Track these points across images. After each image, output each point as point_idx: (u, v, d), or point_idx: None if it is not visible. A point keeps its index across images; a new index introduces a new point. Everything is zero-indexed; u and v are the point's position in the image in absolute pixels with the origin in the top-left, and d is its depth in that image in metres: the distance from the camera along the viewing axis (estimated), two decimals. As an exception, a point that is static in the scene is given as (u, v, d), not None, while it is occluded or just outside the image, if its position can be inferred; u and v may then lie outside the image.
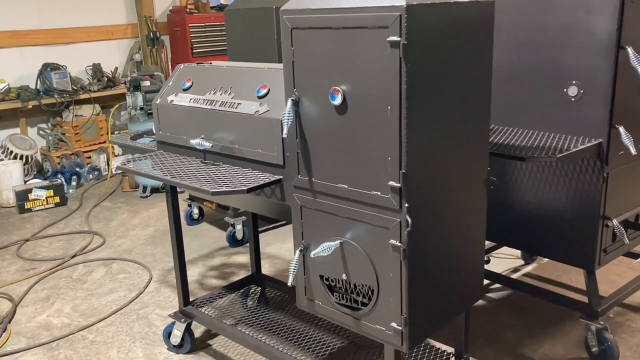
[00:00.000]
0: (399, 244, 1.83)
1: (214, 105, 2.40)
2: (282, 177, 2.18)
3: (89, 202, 5.40)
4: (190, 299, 2.98)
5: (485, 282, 3.10)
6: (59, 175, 5.63)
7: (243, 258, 4.05)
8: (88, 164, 6.07)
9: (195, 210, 4.73)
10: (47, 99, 5.85)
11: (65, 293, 3.66)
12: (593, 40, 2.47)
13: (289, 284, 2.07)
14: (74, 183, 5.73)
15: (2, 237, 4.62)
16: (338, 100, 1.88)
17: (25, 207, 5.14)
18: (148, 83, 5.26)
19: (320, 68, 1.92)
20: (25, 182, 5.44)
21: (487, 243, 2.35)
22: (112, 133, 6.04)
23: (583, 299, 2.83)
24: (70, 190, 5.65)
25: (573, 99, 2.58)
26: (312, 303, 2.19)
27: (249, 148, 2.27)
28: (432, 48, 1.80)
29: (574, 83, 2.56)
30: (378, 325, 1.99)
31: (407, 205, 1.80)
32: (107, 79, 6.35)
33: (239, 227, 4.21)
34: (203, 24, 6.60)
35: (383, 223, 1.87)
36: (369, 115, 1.82)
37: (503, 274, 3.48)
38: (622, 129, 2.51)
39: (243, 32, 3.98)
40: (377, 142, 1.82)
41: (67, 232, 4.68)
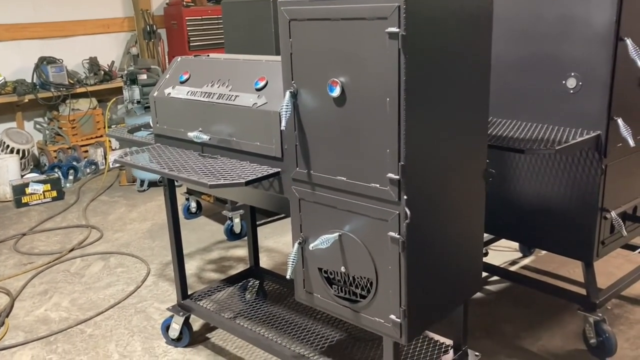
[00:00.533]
0: (398, 236, 1.83)
1: (212, 98, 2.39)
2: (280, 169, 2.17)
3: (86, 196, 5.38)
4: (189, 293, 2.98)
5: (484, 274, 3.10)
6: (56, 170, 5.61)
7: (241, 251, 4.04)
8: (85, 158, 6.06)
9: (193, 204, 4.72)
10: (43, 93, 5.82)
11: (63, 287, 3.65)
12: (592, 32, 2.47)
13: (288, 277, 2.07)
14: (71, 177, 5.71)
15: (-1, 231, 4.62)
16: (336, 92, 1.87)
17: (22, 201, 5.12)
18: (145, 76, 5.24)
19: (319, 60, 1.91)
20: (22, 176, 5.42)
21: (485, 235, 2.34)
22: (109, 127, 6.02)
23: (581, 291, 2.84)
24: (68, 185, 5.64)
25: (572, 91, 2.57)
26: (310, 296, 2.19)
27: (247, 141, 2.26)
28: (431, 39, 1.79)
29: (573, 75, 2.55)
30: (377, 318, 1.98)
31: (405, 198, 1.80)
32: (103, 73, 6.32)
33: (237, 220, 4.21)
34: (200, 17, 6.58)
35: (382, 215, 1.86)
36: (368, 107, 1.81)
37: (501, 267, 3.48)
38: (620, 121, 2.50)
39: (240, 24, 3.97)
40: (375, 134, 1.82)
41: (64, 226, 4.67)
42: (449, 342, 2.45)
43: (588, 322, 2.69)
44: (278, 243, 4.15)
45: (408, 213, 1.80)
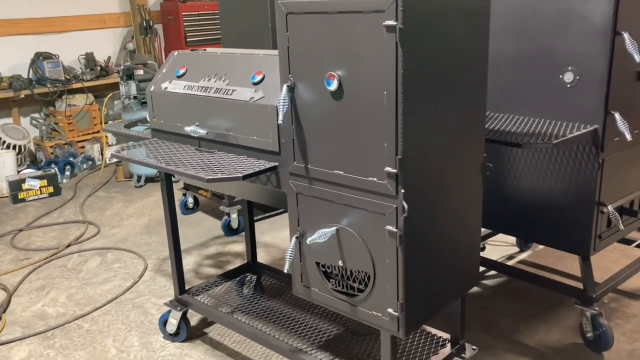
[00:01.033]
0: (395, 230, 1.83)
1: (209, 92, 2.38)
2: (277, 164, 2.17)
3: (83, 191, 5.37)
4: (186, 288, 2.98)
5: (481, 269, 3.11)
6: (53, 165, 5.60)
7: (238, 247, 4.04)
8: (82, 154, 6.04)
9: (190, 200, 4.71)
10: (39, 89, 5.80)
11: (60, 282, 3.65)
12: (589, 26, 2.46)
13: (285, 271, 2.07)
14: (68, 173, 5.70)
15: (-5, 227, 4.61)
16: (334, 86, 1.87)
17: (19, 197, 5.11)
18: (141, 72, 5.22)
19: (316, 53, 1.90)
20: (19, 172, 5.41)
21: (482, 230, 2.35)
22: (105, 122, 6.01)
23: (578, 286, 2.84)
24: (64, 180, 5.62)
25: (569, 85, 2.57)
26: (308, 290, 2.19)
27: (244, 135, 2.25)
28: (428, 33, 1.78)
29: (570, 69, 2.55)
30: (374, 312, 1.99)
31: (403, 191, 1.80)
32: (100, 68, 6.30)
33: (234, 216, 4.21)
34: (196, 13, 6.56)
35: (379, 209, 1.86)
36: (365, 101, 1.81)
37: (498, 261, 3.48)
38: (617, 115, 2.50)
39: (237, 19, 3.95)
40: (373, 127, 1.81)
41: (61, 221, 4.66)
42: (447, 336, 2.45)
43: (585, 315, 2.69)
44: (275, 238, 4.15)
45: (405, 207, 1.80)
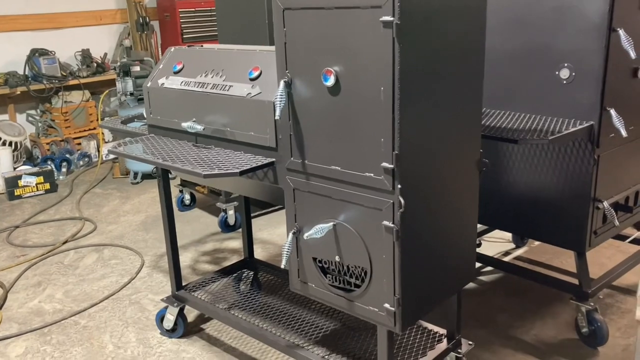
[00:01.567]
0: (392, 225, 1.84)
1: (206, 88, 2.39)
2: (274, 159, 2.17)
3: (80, 188, 5.36)
4: (183, 284, 2.98)
5: (477, 265, 3.12)
6: (49, 162, 5.58)
7: (235, 243, 4.05)
8: (78, 151, 6.03)
9: (187, 196, 4.71)
10: (35, 85, 5.78)
11: (57, 279, 3.65)
12: (585, 23, 2.47)
13: (282, 267, 2.07)
14: (64, 169, 5.69)
15: (-8, 223, 4.60)
16: (331, 82, 1.87)
17: (15, 193, 5.10)
18: (138, 68, 5.21)
19: (313, 49, 1.91)
20: (15, 168, 5.40)
21: (478, 226, 2.35)
22: (102, 119, 5.99)
23: (573, 282, 2.85)
24: (61, 177, 5.61)
25: (565, 82, 2.58)
26: (305, 285, 2.20)
27: (241, 131, 2.26)
28: (425, 28, 1.79)
29: (566, 66, 2.56)
30: (371, 307, 1.99)
31: (399, 187, 1.80)
32: (96, 65, 6.28)
33: (231, 212, 4.21)
34: (193, 9, 6.54)
35: (376, 204, 1.87)
36: (362, 96, 1.82)
37: (495, 257, 3.50)
38: (613, 112, 2.52)
39: (234, 15, 3.95)
40: (370, 123, 1.82)
41: (57, 218, 4.66)
42: (443, 331, 2.46)
43: (580, 311, 2.71)
44: (272, 235, 4.15)
45: (402, 202, 1.81)
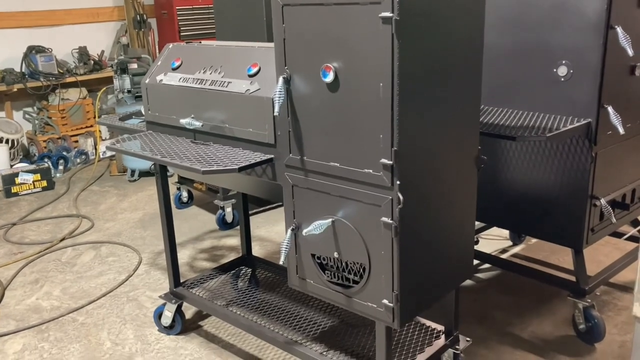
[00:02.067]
0: (391, 222, 1.84)
1: (204, 84, 2.38)
2: (273, 156, 2.17)
3: (77, 186, 5.36)
4: (181, 281, 2.98)
5: (475, 262, 3.13)
6: (46, 160, 5.58)
7: (233, 241, 4.05)
8: (75, 148, 6.02)
9: (185, 194, 4.71)
10: (32, 82, 5.78)
11: (54, 276, 3.64)
12: (583, 20, 2.48)
13: (281, 263, 2.08)
14: (61, 167, 5.68)
15: (-12, 221, 4.59)
16: (330, 78, 1.87)
17: (12, 191, 5.09)
18: (135, 66, 5.21)
19: (312, 45, 1.91)
20: (12, 166, 5.39)
21: (476, 224, 2.36)
22: (99, 117, 5.98)
23: (571, 279, 2.86)
24: (58, 175, 5.61)
25: (563, 79, 2.59)
26: (303, 282, 2.20)
27: (240, 127, 2.26)
28: (424, 25, 1.79)
29: (564, 63, 2.57)
30: (369, 303, 2.00)
31: (398, 183, 1.81)
32: (93, 62, 6.28)
33: (229, 210, 4.21)
34: (190, 6, 6.53)
35: (375, 201, 1.87)
36: (361, 93, 1.82)
37: (492, 255, 3.50)
38: (610, 109, 2.52)
39: (231, 13, 3.94)
40: (369, 119, 1.82)
41: (55, 215, 4.65)
42: (441, 327, 2.47)
43: (577, 308, 2.72)
44: (270, 232, 4.15)
45: (401, 198, 1.82)
